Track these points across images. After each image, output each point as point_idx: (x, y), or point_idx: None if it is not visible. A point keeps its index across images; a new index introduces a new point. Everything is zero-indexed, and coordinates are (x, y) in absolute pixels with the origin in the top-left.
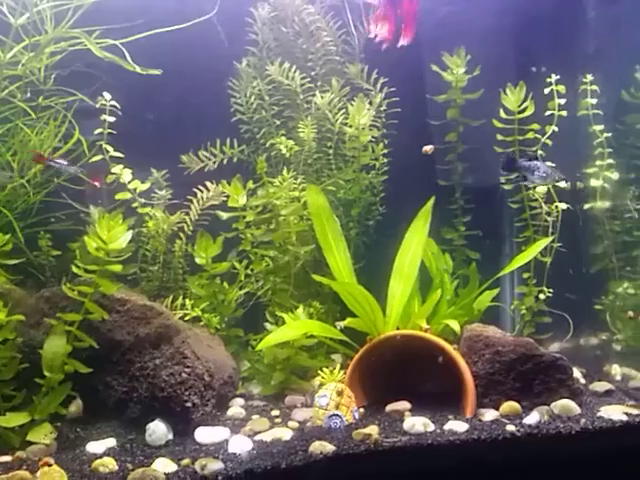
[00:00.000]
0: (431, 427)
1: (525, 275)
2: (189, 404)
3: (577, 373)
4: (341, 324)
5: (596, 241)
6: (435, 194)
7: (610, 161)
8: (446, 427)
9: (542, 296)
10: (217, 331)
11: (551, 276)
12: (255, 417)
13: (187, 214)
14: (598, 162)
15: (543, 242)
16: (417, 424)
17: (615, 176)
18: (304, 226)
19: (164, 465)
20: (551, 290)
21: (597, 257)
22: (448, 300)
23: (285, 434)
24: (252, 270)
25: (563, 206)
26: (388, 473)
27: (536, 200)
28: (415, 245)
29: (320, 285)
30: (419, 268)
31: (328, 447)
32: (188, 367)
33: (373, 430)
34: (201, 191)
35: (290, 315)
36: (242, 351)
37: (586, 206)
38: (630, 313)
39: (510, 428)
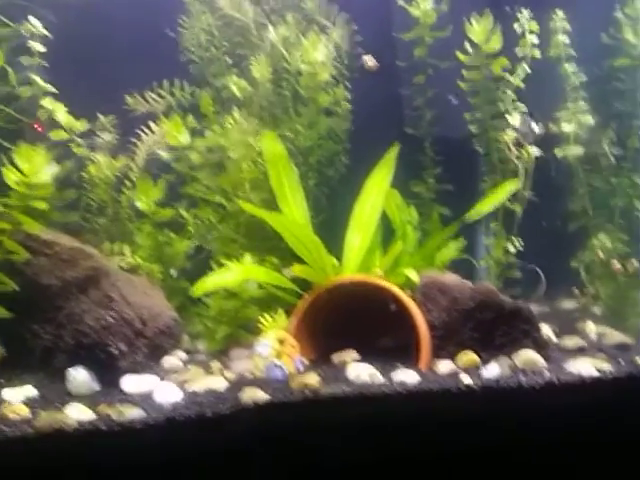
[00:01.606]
0: (379, 378)
1: (493, 224)
2: (115, 351)
3: (549, 331)
4: (290, 271)
5: (572, 195)
6: (403, 144)
7: (583, 104)
8: (395, 378)
9: (512, 248)
10: (162, 282)
11: (523, 230)
12: (191, 367)
13: (133, 160)
14: (570, 105)
15: (510, 185)
16: (363, 374)
17: (589, 120)
18: (257, 173)
19: (78, 411)
20: (522, 243)
21: (574, 214)
22: (410, 253)
23: (220, 384)
24: (202, 221)
25: (535, 151)
26: (327, 424)
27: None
28: (376, 194)
29: (278, 240)
30: (384, 222)
31: (261, 395)
32: (114, 311)
33: (313, 379)
34: (146, 134)
35: (235, 262)
36: (192, 306)
37: (558, 151)
38: (614, 262)
39: (466, 381)
